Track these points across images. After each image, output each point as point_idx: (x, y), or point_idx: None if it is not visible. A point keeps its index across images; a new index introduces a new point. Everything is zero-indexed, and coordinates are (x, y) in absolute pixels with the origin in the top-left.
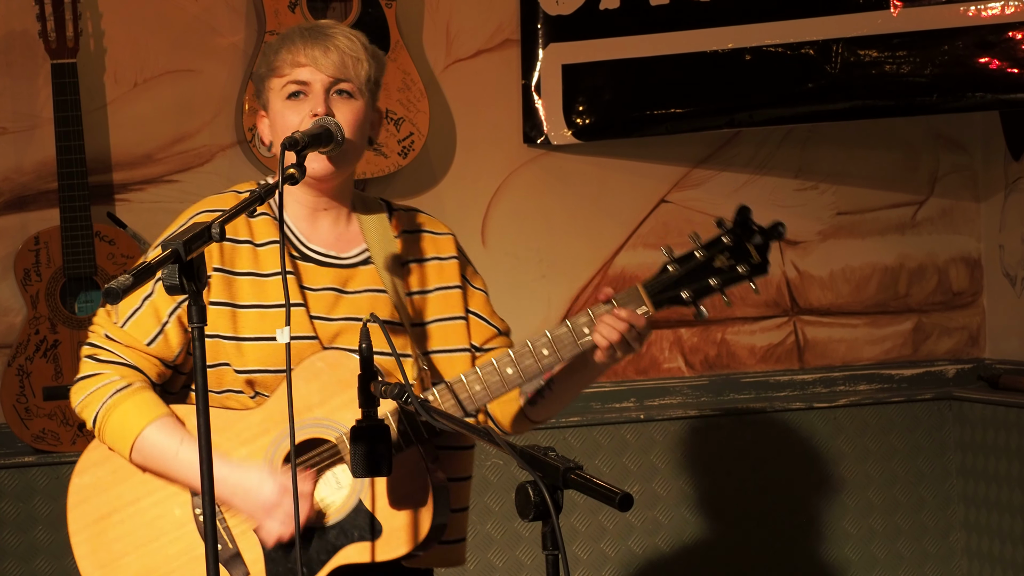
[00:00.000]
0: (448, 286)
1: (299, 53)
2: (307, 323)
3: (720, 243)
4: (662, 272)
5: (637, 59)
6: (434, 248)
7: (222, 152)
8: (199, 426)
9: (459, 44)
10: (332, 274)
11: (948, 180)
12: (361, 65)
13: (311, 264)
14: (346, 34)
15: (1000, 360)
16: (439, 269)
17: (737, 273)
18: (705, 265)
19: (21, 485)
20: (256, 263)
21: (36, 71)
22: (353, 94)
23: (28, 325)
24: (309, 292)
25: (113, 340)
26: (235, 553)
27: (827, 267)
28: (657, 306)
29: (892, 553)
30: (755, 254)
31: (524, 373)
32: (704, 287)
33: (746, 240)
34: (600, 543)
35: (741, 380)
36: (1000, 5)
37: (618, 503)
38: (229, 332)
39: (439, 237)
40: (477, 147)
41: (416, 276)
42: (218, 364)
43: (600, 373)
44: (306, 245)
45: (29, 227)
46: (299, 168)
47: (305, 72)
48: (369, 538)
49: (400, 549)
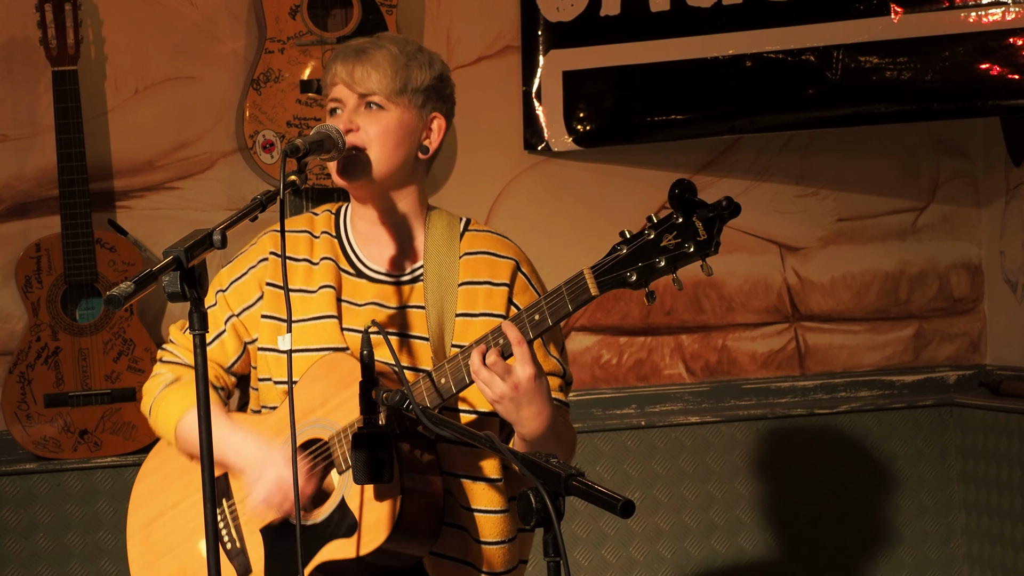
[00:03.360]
0: (492, 313)
1: (334, 73)
2: (338, 334)
3: (669, 220)
4: (611, 253)
5: (638, 66)
6: (490, 272)
7: (223, 159)
8: (200, 431)
9: (460, 50)
10: (377, 290)
11: (949, 186)
12: (387, 77)
13: (362, 280)
14: (381, 46)
15: (1001, 366)
16: (488, 294)
17: (683, 251)
18: (653, 245)
19: (22, 492)
20: (309, 280)
21: (37, 78)
22: (383, 105)
23: (29, 332)
24: (350, 306)
25: (175, 343)
26: (242, 550)
27: (828, 273)
28: (602, 288)
29: (894, 559)
30: (702, 230)
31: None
32: (650, 267)
33: (693, 216)
34: (601, 549)
35: (742, 386)
36: (1001, 11)
37: (619, 510)
38: (273, 345)
39: (499, 261)
40: (478, 153)
41: (467, 298)
42: (265, 379)
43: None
44: (363, 261)
45: (30, 234)
46: (300, 175)
47: (338, 90)
48: (344, 535)
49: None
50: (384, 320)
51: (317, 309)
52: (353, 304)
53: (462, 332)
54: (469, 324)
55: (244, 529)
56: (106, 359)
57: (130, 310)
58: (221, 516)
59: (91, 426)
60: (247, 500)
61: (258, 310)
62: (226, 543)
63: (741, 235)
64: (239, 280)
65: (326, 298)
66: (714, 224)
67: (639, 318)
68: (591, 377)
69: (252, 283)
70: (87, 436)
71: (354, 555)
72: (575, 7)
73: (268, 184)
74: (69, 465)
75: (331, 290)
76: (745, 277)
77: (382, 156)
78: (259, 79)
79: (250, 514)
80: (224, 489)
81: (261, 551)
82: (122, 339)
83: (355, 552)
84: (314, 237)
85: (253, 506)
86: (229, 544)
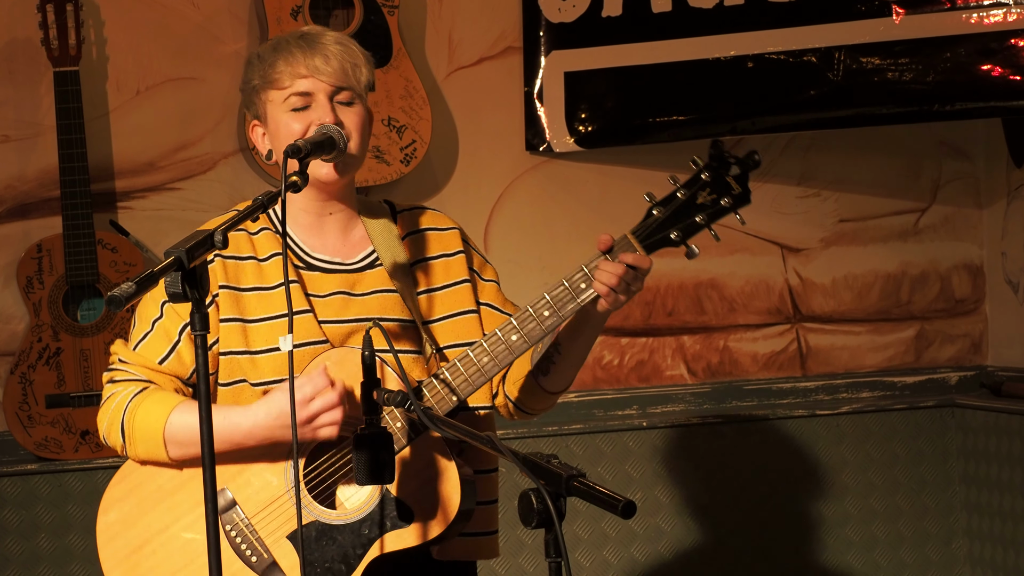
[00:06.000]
0: (456, 282)
1: (299, 64)
2: (316, 328)
3: (699, 180)
4: (647, 217)
5: (639, 66)
6: (439, 245)
7: (224, 160)
8: (202, 432)
9: (461, 51)
10: (339, 279)
11: (950, 187)
12: (359, 70)
13: (316, 272)
14: (339, 40)
15: (1002, 367)
16: (446, 266)
17: (721, 206)
18: (688, 203)
19: (23, 493)
20: (261, 278)
21: (39, 79)
22: (353, 100)
23: (31, 333)
24: (316, 299)
25: (126, 363)
26: (272, 562)
27: (829, 274)
28: (648, 250)
29: (895, 560)
30: (735, 185)
31: (528, 338)
32: (691, 225)
33: (724, 173)
34: (603, 550)
35: (744, 387)
36: (1002, 12)
37: (621, 510)
38: (242, 347)
39: (444, 233)
40: (479, 154)
41: (424, 276)
42: (236, 381)
43: (602, 324)
44: (309, 255)
45: (32, 235)
46: (302, 176)
47: (307, 83)
48: (404, 524)
49: (433, 531)
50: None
51: (282, 306)
52: (317, 296)
53: (427, 310)
54: (432, 299)
55: (267, 540)
56: (107, 360)
57: (131, 311)
58: (237, 532)
59: (92, 427)
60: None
61: (213, 314)
62: (251, 558)
63: (743, 236)
64: None
65: (295, 293)
66: (746, 178)
67: (641, 319)
68: (593, 378)
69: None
70: (88, 437)
71: (418, 542)
72: (577, 8)
73: (269, 185)
74: (70, 466)
75: (296, 285)
76: (747, 278)
77: (361, 148)
78: None
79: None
80: (230, 504)
81: (294, 558)
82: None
83: (419, 539)
84: (251, 235)
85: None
86: (255, 558)
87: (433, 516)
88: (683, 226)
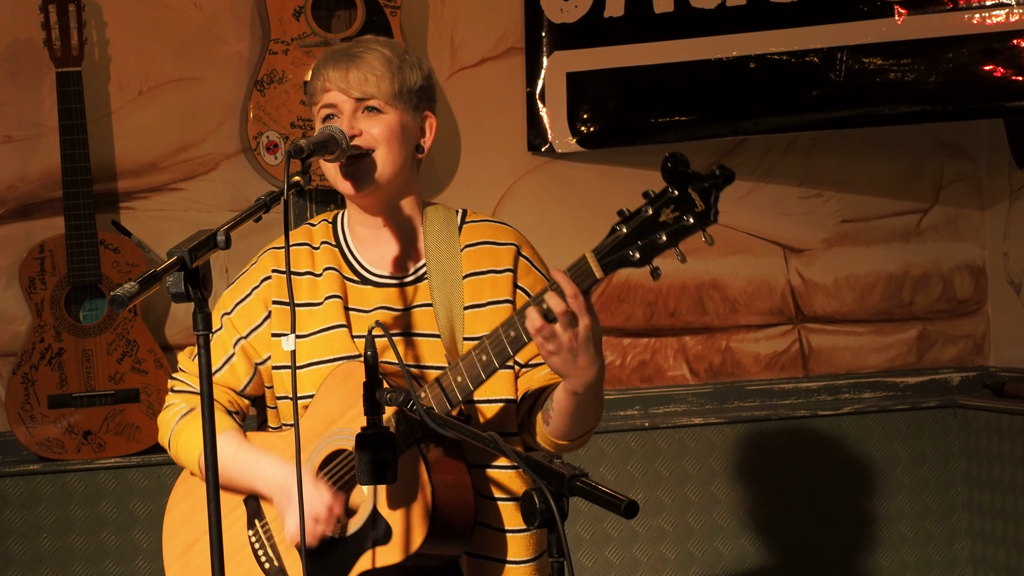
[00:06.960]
0: (498, 300)
1: (325, 78)
2: (349, 342)
3: (665, 195)
4: (611, 234)
5: (641, 67)
6: (491, 260)
7: (227, 160)
8: (204, 432)
9: (463, 52)
10: (385, 294)
11: (952, 188)
12: (384, 80)
13: (367, 286)
14: (372, 49)
15: (1004, 368)
16: (493, 283)
17: (683, 224)
18: (652, 221)
19: (26, 493)
20: (314, 292)
21: (41, 80)
22: (381, 109)
23: (33, 333)
24: (359, 313)
25: (184, 371)
26: (281, 569)
27: (831, 275)
28: (606, 270)
29: (897, 561)
30: (699, 201)
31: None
32: (652, 244)
33: (688, 187)
34: (605, 550)
35: (746, 388)
36: (1005, 13)
37: (623, 510)
38: (287, 362)
39: (500, 248)
40: (481, 155)
41: (473, 290)
42: (283, 397)
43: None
44: (366, 268)
45: (34, 235)
46: (304, 176)
47: (332, 96)
48: (382, 543)
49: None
50: (391, 322)
51: (324, 321)
52: (361, 311)
53: (472, 325)
54: (478, 315)
55: (280, 548)
56: (110, 360)
57: (134, 311)
58: (255, 536)
59: (95, 427)
60: (284, 528)
61: (267, 329)
62: (264, 562)
63: (745, 236)
64: (243, 301)
65: (333, 308)
66: (710, 194)
67: (643, 320)
68: None
69: (257, 303)
70: (91, 437)
71: (395, 561)
72: (579, 8)
73: (272, 185)
74: (73, 466)
75: (338, 300)
76: (749, 279)
77: (388, 157)
78: (263, 80)
79: (289, 541)
80: (256, 509)
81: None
82: (126, 340)
83: (396, 558)
84: (314, 249)
85: (291, 534)
86: (267, 564)
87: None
88: (643, 244)
